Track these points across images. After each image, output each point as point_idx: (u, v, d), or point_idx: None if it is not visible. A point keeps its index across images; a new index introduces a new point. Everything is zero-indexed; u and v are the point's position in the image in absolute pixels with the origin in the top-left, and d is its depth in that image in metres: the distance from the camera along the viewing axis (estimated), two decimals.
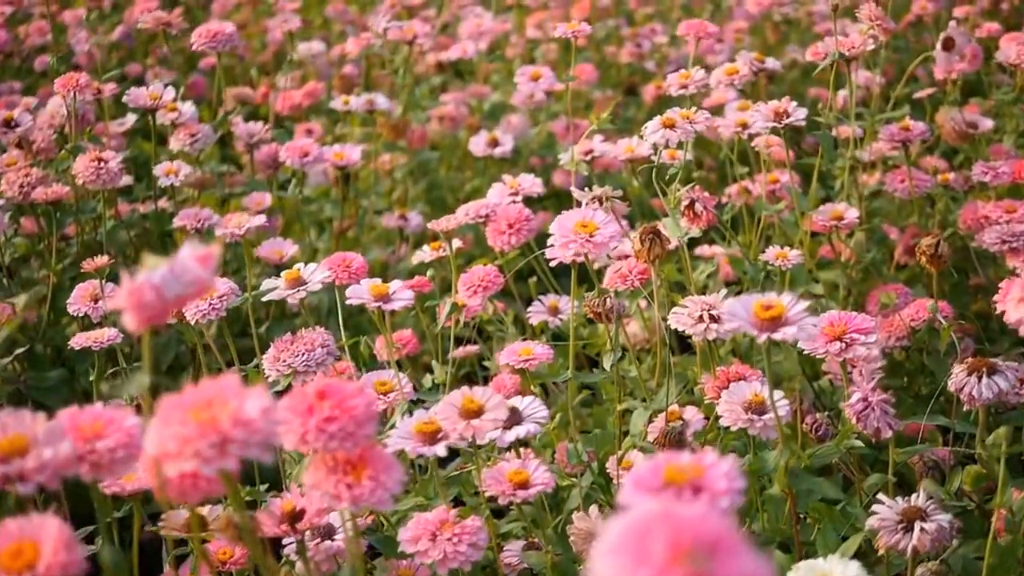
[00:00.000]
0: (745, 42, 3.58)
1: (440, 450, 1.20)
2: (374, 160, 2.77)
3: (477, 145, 2.50)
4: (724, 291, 1.54)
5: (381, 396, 1.42)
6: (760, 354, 2.00)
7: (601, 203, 1.75)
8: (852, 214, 1.99)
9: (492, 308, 2.02)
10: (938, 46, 2.38)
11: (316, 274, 1.46)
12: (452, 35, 3.61)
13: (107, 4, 4.19)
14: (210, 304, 1.49)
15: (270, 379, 1.43)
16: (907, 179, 2.24)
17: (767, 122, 1.84)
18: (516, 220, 1.92)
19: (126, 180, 2.40)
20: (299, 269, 1.46)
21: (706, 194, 1.77)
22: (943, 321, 1.69)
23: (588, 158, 2.19)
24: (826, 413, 1.88)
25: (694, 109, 1.72)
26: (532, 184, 2.03)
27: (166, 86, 2.21)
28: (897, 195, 2.27)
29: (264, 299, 1.46)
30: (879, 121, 2.32)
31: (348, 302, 1.36)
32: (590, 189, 1.75)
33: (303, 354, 1.41)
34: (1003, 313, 1.32)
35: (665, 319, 1.60)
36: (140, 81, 3.79)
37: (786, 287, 2.01)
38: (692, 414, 1.53)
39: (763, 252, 1.95)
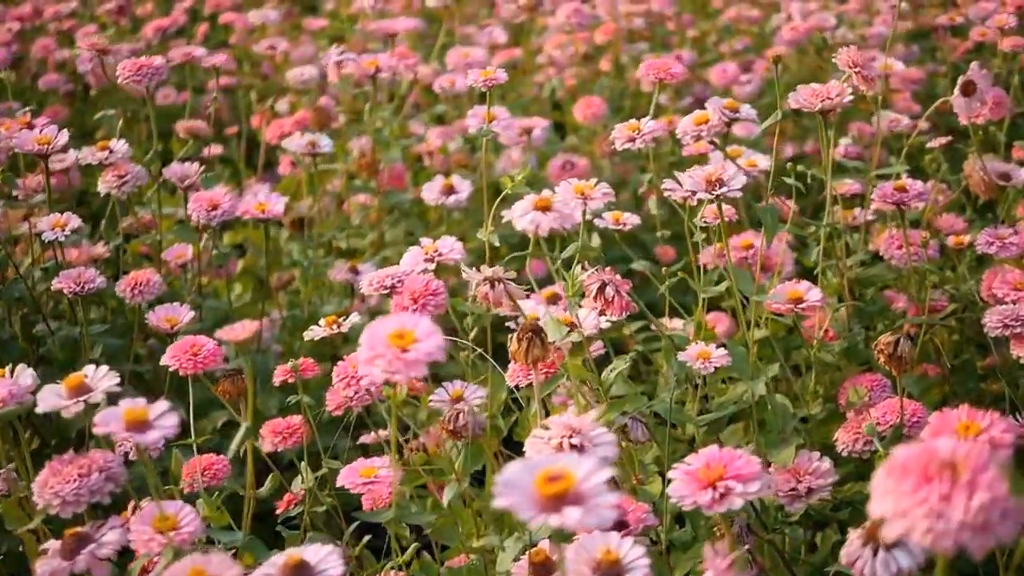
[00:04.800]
0: (775, 71, 3.26)
1: None
2: (343, 201, 2.55)
3: (430, 192, 2.26)
4: (596, 411, 1.27)
5: (158, 535, 1.18)
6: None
7: (493, 286, 1.50)
8: (814, 295, 1.70)
9: (404, 389, 1.78)
10: (956, 91, 2.07)
11: (104, 381, 1.22)
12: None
13: (125, 22, 4.02)
14: None
15: (39, 507, 1.20)
16: (904, 244, 1.95)
17: (699, 190, 1.56)
18: (421, 293, 1.67)
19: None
20: (84, 374, 1.23)
21: (618, 276, 1.51)
22: (880, 447, 1.40)
23: None
24: (769, 535, 1.61)
25: (594, 181, 1.45)
26: (452, 249, 1.78)
27: (60, 128, 2.00)
28: (894, 263, 1.98)
29: (39, 411, 1.23)
30: (875, 177, 2.03)
31: (96, 431, 1.12)
32: (478, 270, 1.50)
33: (75, 480, 1.18)
34: None
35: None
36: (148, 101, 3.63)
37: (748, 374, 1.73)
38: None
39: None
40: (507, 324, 1.74)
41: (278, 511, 1.69)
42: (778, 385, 1.95)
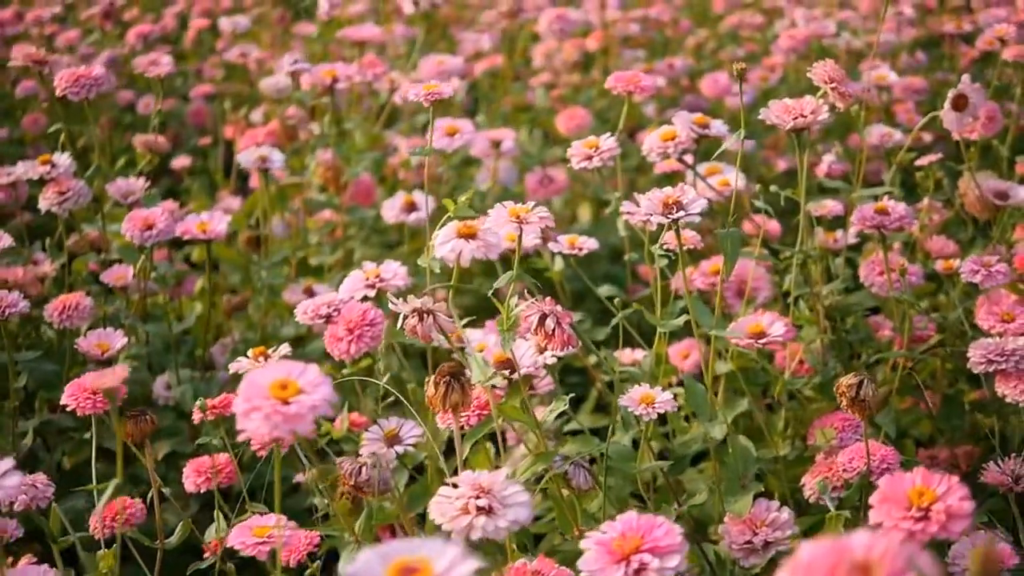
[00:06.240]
0: (771, 80, 3.13)
1: None
2: (302, 217, 2.42)
3: (390, 210, 2.14)
4: (506, 470, 1.14)
5: None
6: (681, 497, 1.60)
7: (422, 318, 1.37)
8: (777, 329, 1.57)
9: (345, 424, 1.66)
10: (947, 105, 1.94)
11: None
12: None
13: (110, 27, 3.91)
14: None
15: None
16: (886, 270, 1.81)
17: (655, 214, 1.43)
18: (357, 323, 1.56)
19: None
20: None
21: (559, 308, 1.38)
22: (831, 505, 1.27)
23: None
24: None
25: (532, 204, 1.33)
26: (395, 274, 1.66)
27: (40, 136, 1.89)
28: (874, 290, 1.84)
29: None
30: (859, 198, 1.90)
31: None
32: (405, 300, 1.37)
33: None
34: None
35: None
36: (132, 108, 3.52)
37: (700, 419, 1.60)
38: None
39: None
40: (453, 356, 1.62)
41: (204, 555, 1.57)
42: (752, 420, 1.82)
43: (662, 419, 1.65)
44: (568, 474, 1.42)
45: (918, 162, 2.09)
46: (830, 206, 2.00)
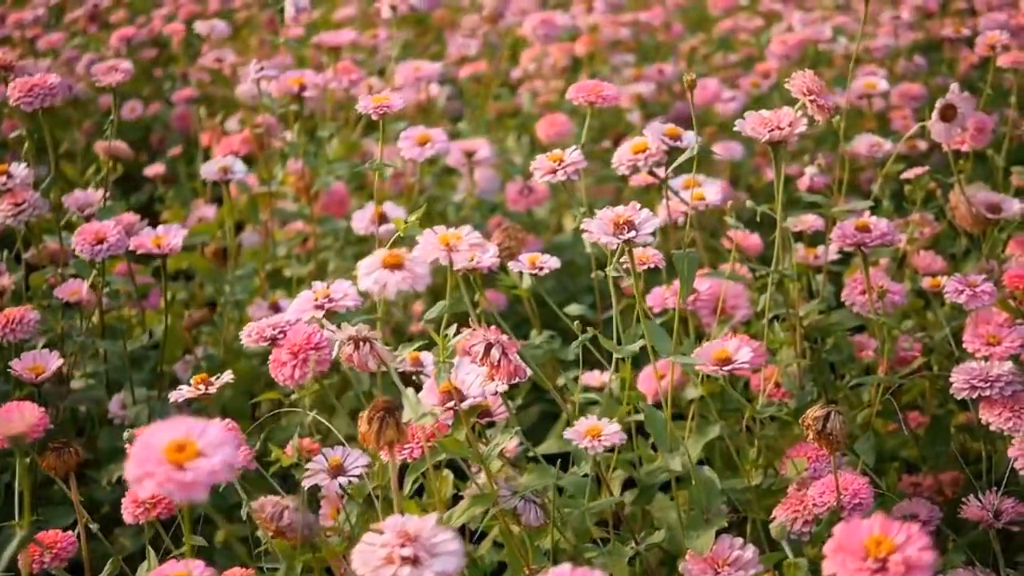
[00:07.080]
0: (764, 87, 3.05)
1: None
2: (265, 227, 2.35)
3: (360, 221, 2.06)
4: (435, 515, 1.06)
5: None
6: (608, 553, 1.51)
7: (358, 347, 1.29)
8: (744, 355, 1.48)
9: (295, 451, 1.58)
10: (934, 115, 1.86)
11: None
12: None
13: (94, 29, 3.85)
14: None
15: None
16: (868, 290, 1.73)
17: (605, 235, 1.35)
18: (302, 347, 1.48)
19: None
20: None
21: (505, 337, 1.30)
22: (789, 552, 1.19)
23: None
24: None
25: (465, 229, 1.25)
26: (345, 295, 1.57)
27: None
28: (855, 309, 1.76)
29: None
30: (840, 213, 1.81)
31: None
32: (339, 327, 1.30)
33: None
34: None
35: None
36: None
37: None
38: None
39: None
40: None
41: None
42: (727, 447, 1.74)
43: (631, 445, 1.58)
44: (518, 510, 1.34)
45: (905, 174, 2.01)
46: (810, 221, 1.92)
